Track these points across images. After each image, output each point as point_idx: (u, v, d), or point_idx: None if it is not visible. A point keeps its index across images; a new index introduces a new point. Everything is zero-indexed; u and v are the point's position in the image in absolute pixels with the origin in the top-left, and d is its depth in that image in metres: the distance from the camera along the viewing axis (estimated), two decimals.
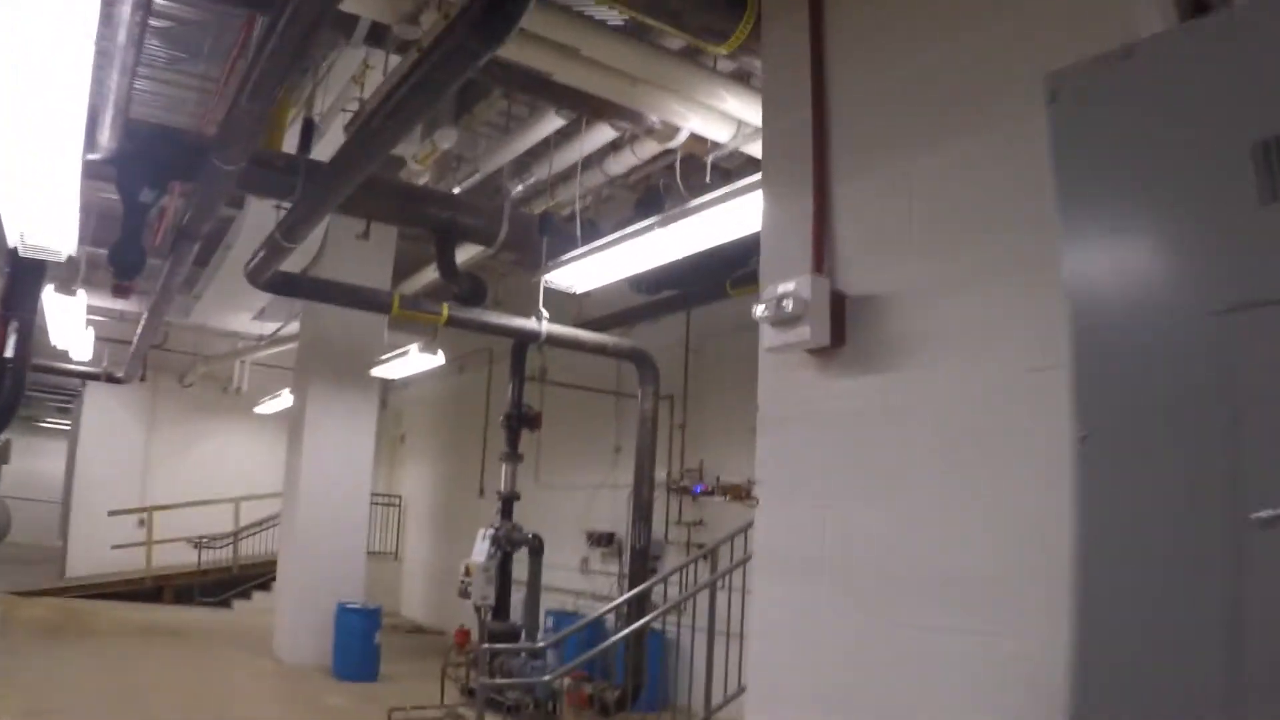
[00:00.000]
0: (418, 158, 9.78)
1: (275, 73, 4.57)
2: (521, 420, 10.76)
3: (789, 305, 3.89)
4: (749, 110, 6.62)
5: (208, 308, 16.38)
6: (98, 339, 16.23)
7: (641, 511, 9.69)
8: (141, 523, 19.98)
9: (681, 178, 9.43)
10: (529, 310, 9.53)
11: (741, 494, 10.16)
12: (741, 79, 6.82)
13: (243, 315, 16.86)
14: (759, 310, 4.04)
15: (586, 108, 6.78)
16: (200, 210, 6.98)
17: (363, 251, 12.31)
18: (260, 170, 7.47)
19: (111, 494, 20.11)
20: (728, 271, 10.03)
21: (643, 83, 6.34)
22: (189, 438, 21.55)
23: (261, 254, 7.57)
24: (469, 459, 17.16)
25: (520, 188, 9.85)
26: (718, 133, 6.90)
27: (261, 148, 8.51)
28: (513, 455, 10.62)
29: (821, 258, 4.10)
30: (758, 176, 6.02)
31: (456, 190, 9.87)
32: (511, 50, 5.73)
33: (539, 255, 8.68)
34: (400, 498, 20.38)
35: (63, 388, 21.50)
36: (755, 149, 7.16)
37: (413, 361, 11.15)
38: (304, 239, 6.74)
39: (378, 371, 12.12)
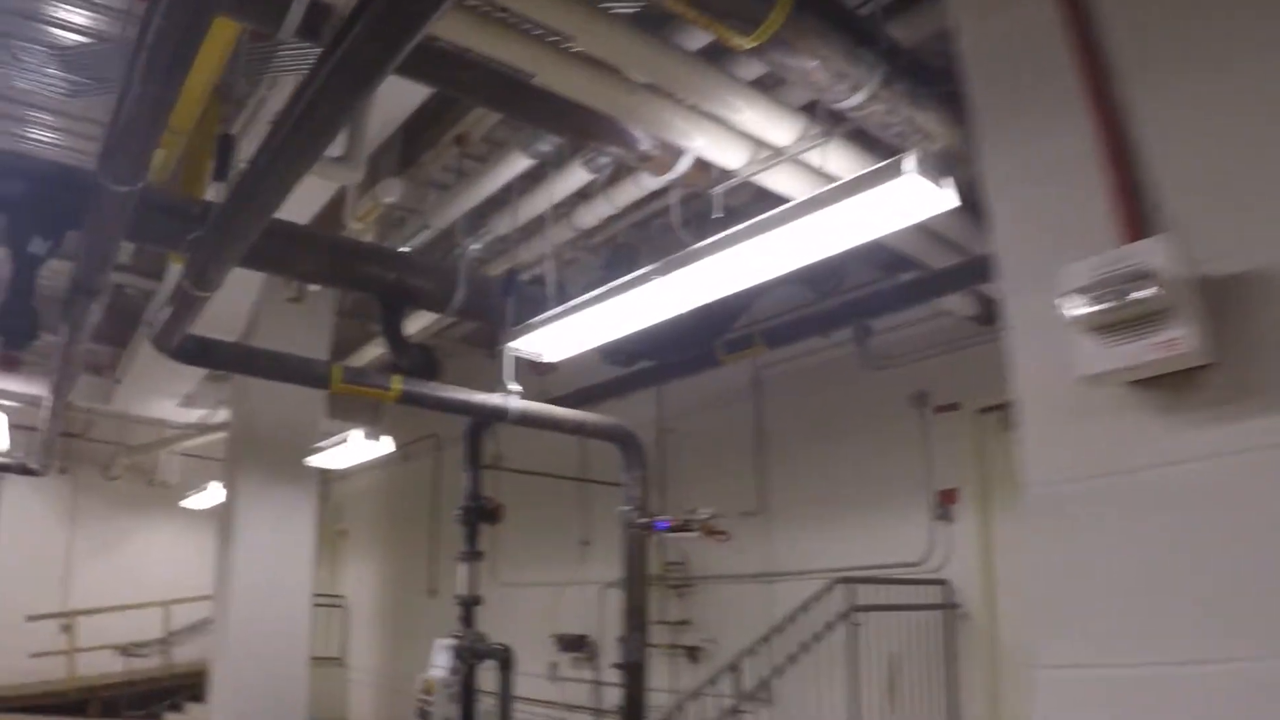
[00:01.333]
0: (357, 214, 8.57)
1: (177, 34, 3.33)
2: (480, 514, 9.39)
3: (1148, 291, 2.26)
4: (770, 126, 5.45)
5: (129, 392, 14.95)
6: (11, 427, 14.79)
7: (634, 619, 8.29)
8: (64, 628, 18.28)
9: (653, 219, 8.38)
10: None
11: (710, 529, 8.83)
12: (764, 88, 5.66)
13: (168, 401, 15.45)
14: (1075, 307, 2.45)
15: (569, 126, 5.56)
16: (94, 254, 5.64)
17: (295, 321, 11.09)
18: (168, 219, 6.18)
19: (30, 596, 18.33)
20: (709, 337, 8.87)
21: (643, 90, 5.17)
22: (114, 535, 19.89)
23: (170, 311, 6.22)
24: (418, 555, 15.85)
25: (477, 246, 8.64)
26: (729, 156, 5.72)
27: (177, 195, 7.29)
28: (472, 554, 9.23)
29: (1137, 218, 2.52)
30: (788, 205, 4.88)
31: (404, 249, 8.65)
32: (486, 39, 4.55)
33: (501, 320, 7.43)
34: (343, 598, 18.88)
35: None
36: (772, 179, 5.98)
37: (355, 449, 9.79)
38: (218, 284, 5.39)
39: (315, 461, 10.75)
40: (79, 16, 7.58)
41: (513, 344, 6.84)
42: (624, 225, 9.22)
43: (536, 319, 6.56)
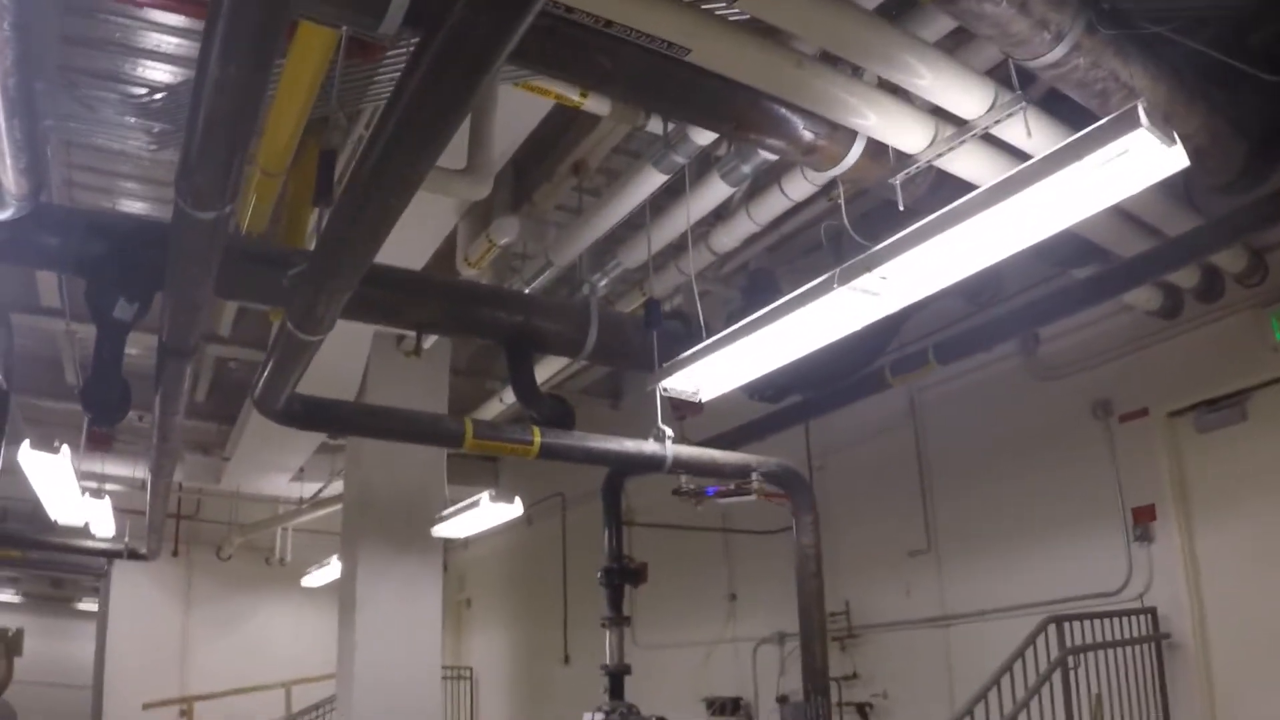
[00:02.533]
0: (471, 259, 7.89)
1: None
2: (624, 575, 8.63)
3: None
4: (957, 94, 4.64)
5: (239, 470, 14.57)
6: (119, 510, 14.41)
7: (815, 679, 7.37)
8: (182, 714, 17.81)
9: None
10: None
11: (766, 492, 7.71)
12: (950, 47, 4.85)
13: (279, 477, 15.06)
14: None
15: (725, 115, 4.76)
16: (181, 303, 4.94)
17: (410, 381, 10.52)
18: (267, 270, 5.53)
19: (147, 681, 17.79)
20: (861, 363, 8.05)
21: (813, 63, 4.40)
22: (231, 616, 19.34)
23: (271, 364, 5.52)
24: (548, 622, 15.15)
25: (605, 281, 7.90)
26: (908, 137, 4.91)
27: (277, 245, 6.63)
28: (617, 619, 8.46)
29: None
30: (998, 180, 4.06)
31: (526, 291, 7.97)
32: (633, 9, 3.80)
33: (639, 360, 6.68)
34: (470, 669, 18.22)
35: (87, 567, 19.59)
36: (957, 161, 5.16)
37: (484, 514, 9.07)
38: (329, 323, 4.63)
39: (442, 530, 10.06)
40: (159, 73, 7.06)
41: (664, 383, 6.06)
42: (756, 250, 8.51)
43: (690, 352, 5.78)
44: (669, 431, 6.64)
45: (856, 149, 5.08)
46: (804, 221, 8.05)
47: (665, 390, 6.13)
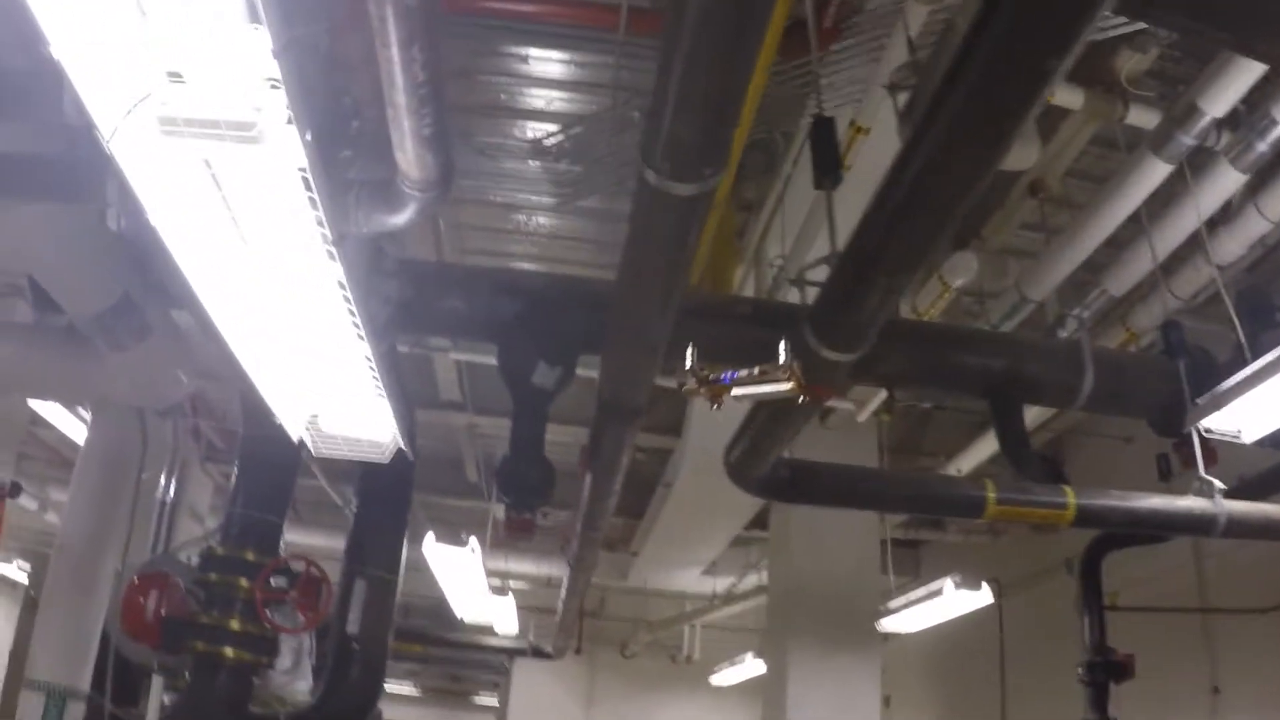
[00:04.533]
0: (920, 307, 6.94)
1: None
2: (1109, 670, 7.45)
3: None
4: None
5: (648, 566, 14.20)
6: (521, 608, 14.57)
7: None
8: None
9: None
10: None
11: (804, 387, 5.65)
12: None
13: (690, 572, 14.53)
14: None
15: None
16: (633, 340, 4.19)
17: (839, 454, 9.26)
18: (701, 323, 4.78)
19: None
20: None
21: None
22: (634, 715, 19.00)
23: (762, 417, 4.73)
24: None
25: (1088, 313, 6.75)
26: None
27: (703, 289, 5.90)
28: None
29: None
30: None
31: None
32: None
33: (1144, 404, 5.50)
34: None
35: (489, 664, 19.90)
36: None
37: (948, 604, 8.02)
38: (870, 331, 3.72)
39: (891, 623, 9.02)
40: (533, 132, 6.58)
41: (1204, 422, 4.86)
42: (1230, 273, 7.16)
43: (1247, 374, 4.55)
44: (1219, 485, 5.35)
45: None
46: None
47: (1207, 432, 4.93)
